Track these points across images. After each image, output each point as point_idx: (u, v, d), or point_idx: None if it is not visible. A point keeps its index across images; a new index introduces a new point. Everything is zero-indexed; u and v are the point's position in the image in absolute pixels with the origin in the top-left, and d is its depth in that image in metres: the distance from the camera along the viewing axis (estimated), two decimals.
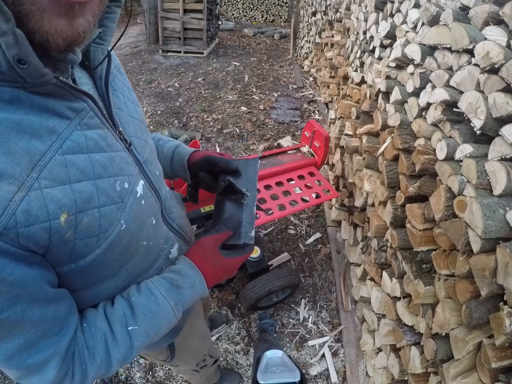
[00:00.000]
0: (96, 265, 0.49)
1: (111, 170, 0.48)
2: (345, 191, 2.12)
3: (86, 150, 0.44)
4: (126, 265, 0.55)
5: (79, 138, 0.44)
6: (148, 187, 0.58)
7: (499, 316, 0.85)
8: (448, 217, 1.04)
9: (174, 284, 0.57)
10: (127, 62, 5.66)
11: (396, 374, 1.34)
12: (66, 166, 0.42)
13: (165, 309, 0.55)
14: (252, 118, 3.84)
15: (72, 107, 0.43)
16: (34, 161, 0.38)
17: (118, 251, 0.51)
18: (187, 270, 0.59)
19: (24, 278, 0.40)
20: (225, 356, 1.74)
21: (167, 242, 0.65)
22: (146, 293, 0.56)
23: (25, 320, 0.42)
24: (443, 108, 1.11)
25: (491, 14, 1.02)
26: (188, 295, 0.58)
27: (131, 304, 0.54)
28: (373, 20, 1.97)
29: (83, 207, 0.43)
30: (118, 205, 0.49)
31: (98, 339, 0.50)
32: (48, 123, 0.40)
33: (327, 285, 2.08)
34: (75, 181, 0.42)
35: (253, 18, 9.44)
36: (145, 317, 0.53)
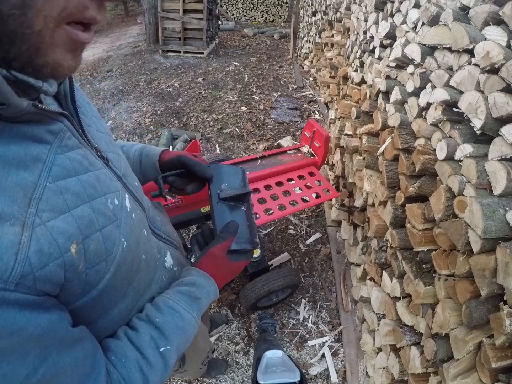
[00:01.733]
0: (107, 291, 0.47)
1: (100, 189, 0.46)
2: (345, 191, 2.12)
3: (74, 173, 0.43)
4: (133, 283, 0.54)
5: (64, 161, 0.42)
6: (133, 200, 0.57)
7: (499, 316, 0.85)
8: (448, 217, 1.04)
9: (192, 297, 0.59)
10: (127, 62, 5.66)
11: (396, 374, 1.34)
12: (61, 193, 0.40)
13: (190, 322, 0.57)
14: (252, 118, 3.84)
15: (50, 129, 0.42)
16: (29, 195, 0.36)
17: (124, 271, 0.50)
18: (201, 281, 0.61)
19: (50, 326, 0.37)
20: (225, 356, 1.74)
21: (160, 252, 0.65)
22: (170, 311, 0.56)
23: (60, 372, 0.40)
24: (443, 108, 1.11)
25: (491, 14, 1.02)
26: (206, 304, 0.61)
27: (157, 326, 0.54)
28: (373, 20, 1.97)
29: (87, 232, 0.42)
30: (115, 224, 0.47)
31: (133, 369, 0.49)
32: (31, 150, 0.38)
33: (327, 285, 2.08)
34: (73, 207, 0.41)
35: (253, 18, 9.44)
36: (175, 335, 0.54)
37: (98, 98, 4.46)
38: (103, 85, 4.83)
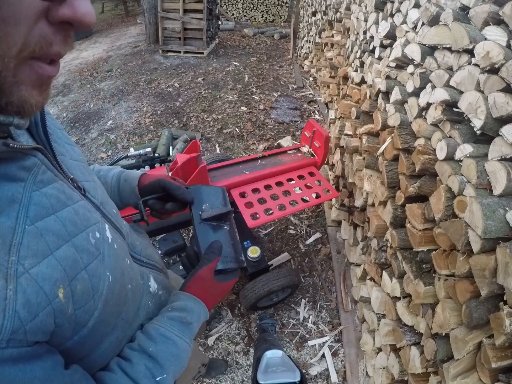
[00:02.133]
0: (97, 327, 0.45)
1: (81, 224, 0.44)
2: (345, 191, 2.12)
3: (52, 211, 0.40)
4: (121, 314, 0.53)
5: (41, 199, 0.39)
6: (113, 229, 0.55)
7: (499, 316, 0.85)
8: (448, 217, 1.04)
9: (184, 322, 0.58)
10: (127, 62, 5.66)
11: (396, 374, 1.34)
12: (41, 235, 0.37)
13: (184, 348, 0.57)
14: (252, 118, 3.84)
15: (24, 166, 0.39)
16: (8, 242, 0.34)
17: (112, 304, 0.48)
18: (191, 305, 0.61)
19: (45, 374, 0.36)
20: (225, 356, 1.74)
21: (143, 277, 0.63)
22: (163, 339, 0.55)
23: None
24: (443, 108, 1.11)
25: (491, 14, 1.02)
26: (197, 327, 0.61)
27: (151, 355, 0.53)
28: (373, 20, 1.97)
29: (73, 273, 0.40)
30: (99, 258, 0.45)
31: None
32: (5, 192, 0.36)
33: (327, 285, 2.08)
34: (55, 248, 0.38)
35: (253, 18, 9.44)
36: (171, 363, 0.54)
37: (98, 98, 4.46)
38: (103, 85, 4.83)
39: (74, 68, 5.66)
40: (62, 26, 0.32)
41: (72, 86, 4.92)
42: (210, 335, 1.81)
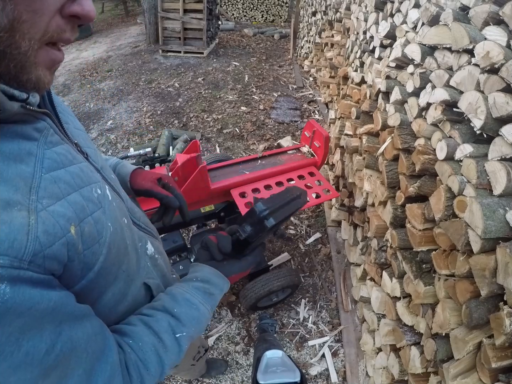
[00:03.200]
0: (102, 274, 0.49)
1: (86, 179, 0.50)
2: (345, 191, 2.12)
3: (62, 165, 0.47)
4: (122, 266, 0.57)
5: (52, 155, 0.46)
6: (112, 190, 0.60)
7: (499, 316, 0.85)
8: (448, 217, 1.04)
9: (207, 293, 0.64)
10: (127, 62, 5.66)
11: (396, 374, 1.34)
12: (55, 182, 0.44)
13: (204, 315, 0.62)
14: (252, 118, 3.84)
15: (36, 127, 0.45)
16: (29, 184, 0.40)
17: (114, 254, 0.52)
18: (215, 279, 0.67)
19: (60, 300, 0.40)
20: (225, 356, 1.74)
21: (140, 240, 0.68)
22: (187, 303, 0.61)
23: (75, 346, 0.42)
24: (443, 108, 1.11)
25: (491, 14, 1.02)
26: (218, 299, 0.67)
27: (174, 315, 0.59)
28: (373, 20, 1.97)
29: (81, 216, 0.45)
30: (101, 210, 0.50)
31: (149, 352, 0.53)
32: (24, 146, 0.42)
33: (327, 285, 2.08)
34: (66, 194, 0.44)
35: (253, 18, 9.44)
36: (191, 325, 0.59)
37: (98, 98, 4.46)
38: (103, 85, 4.83)
39: (74, 68, 5.66)
40: (71, 19, 0.41)
41: (72, 86, 4.92)
42: (210, 335, 1.81)
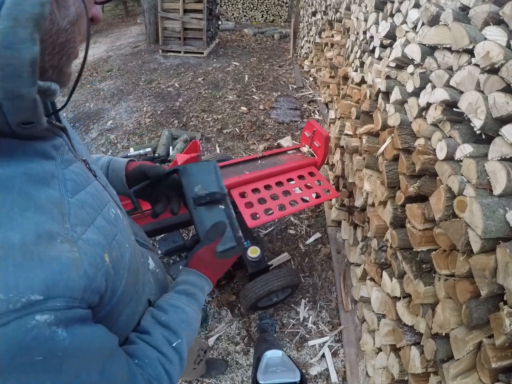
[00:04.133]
0: (122, 297, 0.47)
1: (102, 199, 0.47)
2: (345, 191, 2.12)
3: (82, 187, 0.43)
4: (136, 286, 0.55)
5: (71, 175, 0.42)
6: (117, 207, 0.57)
7: (499, 316, 0.85)
8: (448, 217, 1.04)
9: (188, 293, 0.63)
10: (127, 62, 5.66)
11: (396, 374, 1.34)
12: (82, 206, 0.40)
13: (193, 315, 0.61)
14: (252, 118, 3.84)
15: (54, 144, 0.41)
16: (61, 211, 0.36)
17: (132, 275, 0.51)
18: (193, 278, 0.65)
19: (104, 333, 0.39)
20: (225, 356, 1.74)
21: (142, 256, 0.66)
22: (172, 309, 0.60)
23: (114, 381, 0.41)
24: (443, 108, 1.11)
25: (491, 14, 1.02)
26: (202, 297, 0.65)
27: (164, 324, 0.57)
28: (373, 20, 1.97)
29: (108, 242, 0.42)
30: (119, 231, 0.48)
31: (158, 367, 0.52)
32: (46, 167, 0.38)
33: (327, 285, 2.08)
34: (93, 219, 0.42)
35: (253, 18, 9.44)
36: (182, 329, 0.58)
37: (98, 98, 4.46)
38: (103, 85, 4.83)
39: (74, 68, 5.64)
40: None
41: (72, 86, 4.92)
42: (210, 335, 1.81)
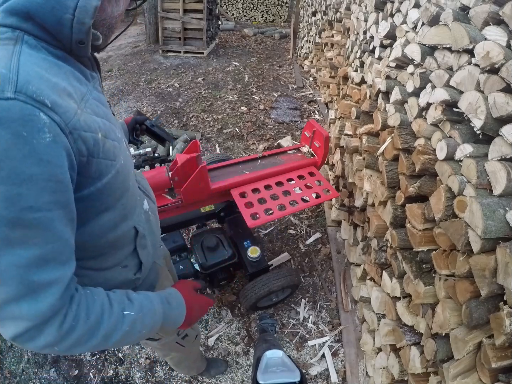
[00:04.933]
0: (107, 190, 0.58)
1: (113, 121, 0.63)
2: (345, 191, 2.12)
3: (101, 104, 0.60)
4: (122, 199, 0.65)
5: (97, 94, 0.60)
6: (123, 141, 0.70)
7: (499, 316, 0.85)
8: (448, 217, 1.04)
9: (165, 300, 0.70)
10: (127, 62, 5.66)
11: (396, 374, 1.34)
12: (97, 106, 0.58)
13: (154, 312, 0.65)
14: (252, 118, 3.84)
15: (92, 74, 0.62)
16: (82, 96, 0.53)
17: (119, 181, 0.61)
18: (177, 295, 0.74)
19: (68, 183, 0.48)
20: (225, 356, 1.74)
21: (140, 194, 0.79)
22: (144, 295, 0.67)
23: (51, 229, 0.46)
24: (443, 108, 1.11)
25: (491, 14, 1.02)
26: (173, 313, 0.71)
27: (130, 297, 0.63)
28: (373, 20, 1.97)
29: (107, 135, 0.56)
30: (119, 145, 0.62)
31: (98, 305, 0.56)
32: (82, 77, 0.57)
33: (327, 285, 2.08)
34: (102, 116, 0.57)
35: (253, 18, 9.44)
36: (139, 310, 0.62)
37: None
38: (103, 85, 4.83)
39: None
40: None
41: None
42: (210, 335, 1.81)
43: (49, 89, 0.45)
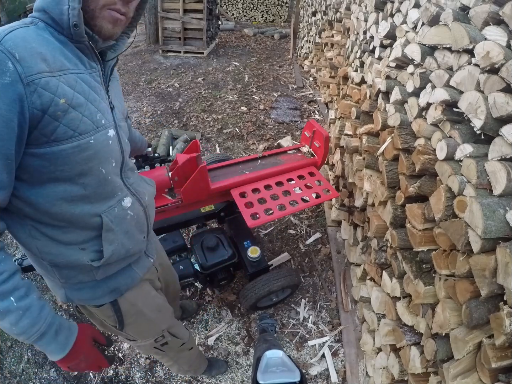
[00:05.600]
0: (63, 158, 0.64)
1: (98, 106, 0.70)
2: (345, 191, 2.12)
3: (89, 86, 0.69)
4: (84, 178, 0.70)
5: (88, 78, 0.69)
6: (116, 139, 0.77)
7: (499, 316, 0.85)
8: (448, 217, 1.04)
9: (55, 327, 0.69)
10: (127, 62, 5.66)
11: (396, 374, 1.34)
12: (77, 82, 0.65)
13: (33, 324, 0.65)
14: (252, 118, 3.84)
15: (90, 63, 0.71)
16: (63, 68, 0.63)
17: (82, 157, 0.67)
18: (70, 334, 0.72)
19: (10, 122, 0.57)
20: (225, 356, 1.74)
21: (121, 191, 0.82)
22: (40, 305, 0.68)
23: None
24: (443, 108, 1.11)
25: (491, 14, 1.02)
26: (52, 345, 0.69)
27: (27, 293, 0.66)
28: (373, 20, 1.97)
29: (75, 106, 0.64)
30: (93, 126, 0.68)
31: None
32: (76, 61, 0.67)
33: (327, 285, 2.08)
34: (77, 92, 0.65)
35: (253, 18, 9.44)
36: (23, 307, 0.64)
37: None
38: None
39: None
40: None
41: None
42: (210, 335, 1.81)
43: (24, 49, 0.57)
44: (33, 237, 0.72)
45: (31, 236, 0.72)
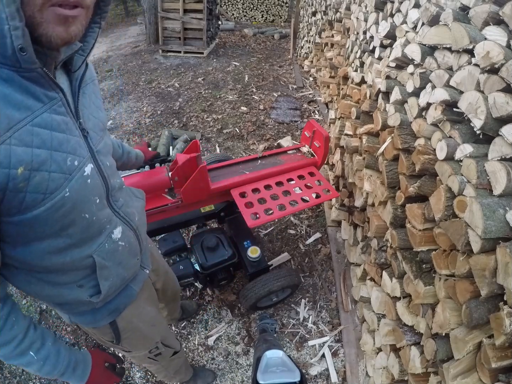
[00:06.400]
0: (40, 221, 0.59)
1: (66, 148, 0.60)
2: (345, 191, 2.12)
3: (50, 128, 0.57)
4: (67, 230, 0.65)
5: (47, 118, 0.57)
6: (96, 171, 0.70)
7: (499, 316, 0.85)
8: (448, 217, 1.04)
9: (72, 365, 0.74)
10: (127, 62, 5.66)
11: (396, 374, 1.34)
12: (32, 135, 0.54)
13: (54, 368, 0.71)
14: (252, 118, 3.84)
15: (47, 94, 0.57)
16: (11, 125, 0.51)
17: (60, 214, 0.61)
18: (85, 367, 0.78)
19: None
20: (225, 356, 1.74)
21: (110, 222, 0.76)
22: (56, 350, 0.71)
23: None
24: (443, 108, 1.11)
25: (491, 14, 1.02)
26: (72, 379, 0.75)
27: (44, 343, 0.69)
28: (373, 20, 1.97)
29: (37, 167, 0.54)
30: (66, 176, 0.60)
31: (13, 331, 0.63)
32: (28, 102, 0.54)
33: (327, 285, 2.08)
34: (36, 147, 0.54)
35: (253, 18, 9.44)
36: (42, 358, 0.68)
37: None
38: (103, 85, 4.83)
39: None
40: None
41: None
42: (210, 335, 1.81)
43: None
44: (30, 283, 0.70)
45: (27, 281, 0.70)
